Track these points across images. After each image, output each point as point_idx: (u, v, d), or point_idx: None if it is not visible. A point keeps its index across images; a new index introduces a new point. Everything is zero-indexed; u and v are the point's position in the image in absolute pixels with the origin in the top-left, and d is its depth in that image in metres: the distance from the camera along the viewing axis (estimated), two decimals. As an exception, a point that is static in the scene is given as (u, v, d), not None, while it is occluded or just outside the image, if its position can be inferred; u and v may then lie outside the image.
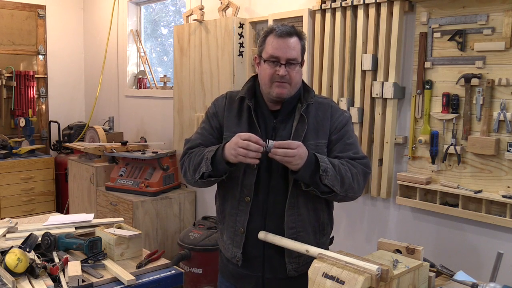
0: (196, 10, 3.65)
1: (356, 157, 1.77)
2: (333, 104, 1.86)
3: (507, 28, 2.25)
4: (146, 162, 3.85)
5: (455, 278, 1.61)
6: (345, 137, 1.79)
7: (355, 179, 1.71)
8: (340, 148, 1.77)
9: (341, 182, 1.67)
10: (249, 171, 1.73)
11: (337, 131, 1.79)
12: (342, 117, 1.82)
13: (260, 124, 1.76)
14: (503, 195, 2.28)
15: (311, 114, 1.77)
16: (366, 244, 2.94)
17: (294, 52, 1.71)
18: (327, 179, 1.63)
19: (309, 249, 1.50)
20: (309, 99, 1.78)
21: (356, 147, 1.81)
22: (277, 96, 1.73)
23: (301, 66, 1.78)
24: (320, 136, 1.76)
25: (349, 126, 1.83)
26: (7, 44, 5.11)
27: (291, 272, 1.75)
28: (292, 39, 1.72)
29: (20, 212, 4.65)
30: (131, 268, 1.89)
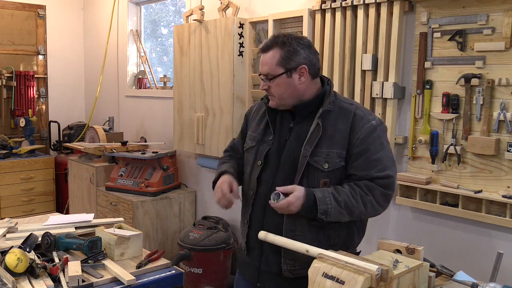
0: (196, 10, 3.65)
1: (378, 176, 1.68)
2: (358, 111, 1.74)
3: (507, 28, 2.25)
4: (146, 162, 3.85)
5: (455, 278, 1.61)
6: (369, 152, 1.68)
7: (368, 207, 1.68)
8: (361, 166, 1.69)
9: (349, 214, 1.67)
10: (255, 167, 1.82)
11: (359, 144, 1.69)
12: (367, 126, 1.70)
13: (277, 125, 1.82)
14: (503, 195, 2.28)
15: (329, 122, 1.72)
16: (366, 244, 2.94)
17: (266, 68, 1.73)
18: (329, 218, 1.64)
19: (309, 249, 1.50)
20: (327, 105, 1.73)
21: (382, 162, 1.70)
22: (271, 106, 1.81)
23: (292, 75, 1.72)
24: (335, 145, 1.70)
25: (376, 137, 1.71)
26: (7, 44, 5.11)
27: (286, 272, 1.75)
28: (267, 54, 1.73)
29: (20, 212, 4.65)
30: (131, 268, 1.89)
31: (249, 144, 1.88)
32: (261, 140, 1.83)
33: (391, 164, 1.74)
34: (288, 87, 1.73)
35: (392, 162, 1.76)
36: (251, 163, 1.84)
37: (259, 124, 1.88)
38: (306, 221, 1.70)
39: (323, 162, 1.69)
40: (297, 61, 1.71)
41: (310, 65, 1.74)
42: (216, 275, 3.29)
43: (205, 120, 3.62)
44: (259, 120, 1.89)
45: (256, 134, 1.86)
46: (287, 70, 1.71)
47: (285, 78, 1.72)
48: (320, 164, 1.69)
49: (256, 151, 1.83)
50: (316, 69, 1.78)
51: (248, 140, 1.90)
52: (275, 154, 1.77)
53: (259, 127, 1.86)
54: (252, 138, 1.87)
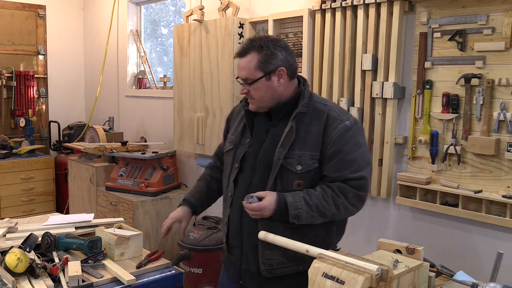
0: (196, 10, 3.65)
1: (351, 177, 1.69)
2: (332, 112, 1.74)
3: (507, 28, 2.25)
4: (146, 162, 3.85)
5: (455, 278, 1.61)
6: (342, 153, 1.69)
7: (340, 208, 1.70)
8: (334, 167, 1.70)
9: (322, 216, 1.71)
10: (232, 170, 1.86)
11: (332, 145, 1.70)
12: (340, 127, 1.70)
13: (254, 127, 1.85)
14: (503, 195, 2.28)
15: (303, 123, 1.73)
16: (366, 244, 2.94)
17: (245, 72, 1.74)
18: (301, 221, 1.68)
19: (309, 249, 1.50)
20: (301, 107, 1.75)
21: (356, 163, 1.70)
22: (251, 110, 1.83)
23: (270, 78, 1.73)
24: (308, 147, 1.71)
25: (350, 137, 1.71)
26: (7, 44, 5.11)
27: (264, 272, 1.78)
28: (244, 58, 1.73)
29: (20, 212, 4.65)
30: (131, 268, 1.89)
31: (227, 146, 1.91)
32: (239, 142, 1.86)
33: (366, 164, 1.74)
34: (267, 90, 1.75)
35: (367, 162, 1.76)
36: (230, 166, 1.87)
37: (238, 127, 1.91)
38: (281, 223, 1.72)
39: (296, 164, 1.71)
40: (275, 64, 1.73)
41: (288, 67, 1.75)
42: (216, 275, 3.27)
43: (205, 120, 3.62)
44: (238, 123, 1.92)
45: (235, 136, 1.89)
46: (266, 74, 1.72)
47: (264, 81, 1.73)
48: (293, 166, 1.71)
49: (234, 153, 1.86)
50: (294, 69, 1.79)
51: (227, 142, 1.94)
52: (251, 156, 1.80)
53: (238, 129, 1.90)
54: (231, 140, 1.90)
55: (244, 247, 1.82)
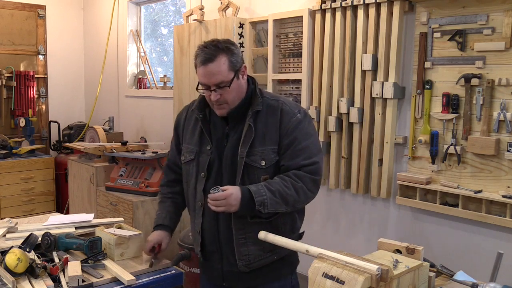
0: (196, 10, 3.65)
1: (305, 164, 1.76)
2: (284, 106, 1.81)
3: (507, 28, 2.25)
4: (146, 162, 3.85)
5: (455, 278, 1.61)
6: (295, 142, 1.77)
7: (300, 193, 1.75)
8: (289, 156, 1.77)
9: (284, 203, 1.74)
10: (200, 179, 1.85)
11: (287, 136, 1.77)
12: (294, 120, 1.78)
13: (212, 133, 1.85)
14: (503, 195, 2.28)
15: (260, 121, 1.78)
16: (366, 244, 2.94)
17: (220, 76, 1.72)
18: (267, 209, 1.70)
19: (309, 249, 1.50)
20: (256, 105, 1.79)
21: (308, 151, 1.78)
22: (220, 115, 1.82)
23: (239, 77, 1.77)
24: (267, 142, 1.77)
25: (302, 128, 1.79)
26: (7, 44, 5.11)
27: (242, 267, 1.83)
28: (214, 63, 1.71)
29: (20, 212, 4.65)
30: (131, 268, 1.89)
31: (187, 157, 1.89)
32: (199, 151, 1.85)
33: (317, 151, 1.82)
34: (238, 90, 1.79)
35: (318, 149, 1.84)
36: (194, 176, 1.86)
37: (193, 135, 1.89)
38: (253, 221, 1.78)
39: (259, 160, 1.76)
40: (240, 62, 1.77)
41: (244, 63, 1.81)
42: (216, 275, 3.28)
43: (205, 120, 3.62)
44: (192, 131, 1.90)
45: (193, 146, 1.88)
46: (235, 73, 1.75)
47: (236, 81, 1.76)
48: (258, 162, 1.76)
49: (197, 163, 1.85)
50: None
51: (185, 153, 1.91)
52: (216, 162, 1.82)
53: (194, 138, 1.88)
54: (190, 150, 1.88)
55: (223, 250, 1.86)
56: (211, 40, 1.78)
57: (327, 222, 3.17)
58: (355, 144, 2.86)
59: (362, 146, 2.82)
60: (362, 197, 2.96)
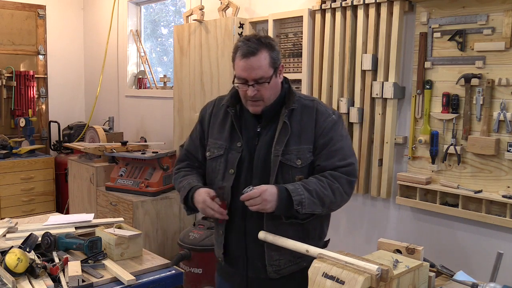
0: (196, 10, 3.65)
1: (341, 165, 1.73)
2: (319, 106, 1.79)
3: (507, 28, 2.25)
4: (146, 162, 3.85)
5: (455, 278, 1.61)
6: (331, 143, 1.74)
7: (336, 194, 1.71)
8: (324, 156, 1.74)
9: (321, 204, 1.69)
10: (227, 176, 1.78)
11: (323, 136, 1.74)
12: (329, 120, 1.76)
13: (243, 130, 1.80)
14: (503, 195, 2.28)
15: (295, 119, 1.75)
16: (366, 244, 2.94)
17: (261, 71, 1.68)
18: (304, 209, 1.65)
19: (309, 249, 1.50)
20: (291, 104, 1.76)
21: (343, 152, 1.75)
22: (253, 112, 1.78)
23: (277, 75, 1.74)
24: (303, 141, 1.74)
25: (337, 129, 1.77)
26: (7, 44, 5.11)
27: (272, 274, 1.77)
28: (256, 57, 1.67)
29: (20, 212, 4.65)
30: (131, 268, 1.89)
31: (215, 153, 1.82)
32: (229, 147, 1.79)
33: (351, 153, 1.80)
34: (275, 88, 1.76)
35: (353, 151, 1.82)
36: (222, 172, 1.79)
37: (222, 131, 1.83)
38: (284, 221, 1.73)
39: (295, 159, 1.72)
40: (279, 60, 1.74)
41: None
42: (216, 275, 3.28)
43: (205, 120, 3.62)
44: (221, 126, 1.84)
45: (222, 141, 1.81)
46: (275, 70, 1.72)
47: (274, 78, 1.73)
48: (293, 161, 1.72)
49: (225, 159, 1.78)
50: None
51: (212, 148, 1.84)
52: (246, 160, 1.76)
53: (223, 134, 1.81)
54: (218, 146, 1.82)
55: (249, 255, 1.79)
56: (254, 34, 1.75)
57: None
58: (355, 144, 2.86)
59: (362, 146, 2.82)
60: (362, 197, 2.96)
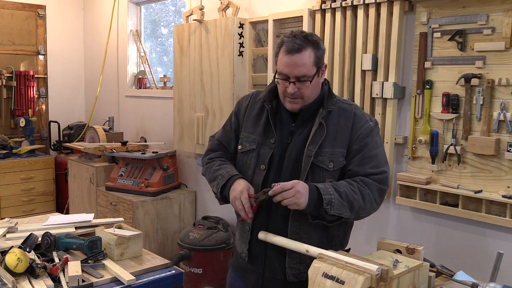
0: (196, 10, 3.65)
1: (373, 172, 1.69)
2: (357, 111, 1.76)
3: (507, 28, 2.25)
4: (146, 162, 3.85)
5: (455, 278, 1.61)
6: (365, 149, 1.70)
7: (366, 200, 1.66)
8: (357, 162, 1.70)
9: (350, 208, 1.64)
10: (258, 171, 1.75)
11: (358, 141, 1.71)
12: (366, 126, 1.72)
13: (277, 127, 1.77)
14: (503, 195, 2.28)
15: (331, 121, 1.72)
16: (366, 244, 2.94)
17: (304, 69, 1.64)
18: (333, 210, 1.60)
19: (309, 249, 1.50)
20: (330, 105, 1.72)
21: (377, 160, 1.72)
22: (290, 110, 1.74)
23: (320, 74, 1.71)
24: (337, 144, 1.70)
25: (373, 136, 1.74)
26: (7, 44, 5.11)
27: (291, 277, 1.73)
28: (301, 54, 1.63)
29: (20, 212, 4.65)
30: (131, 268, 1.89)
31: (247, 146, 1.80)
32: (262, 142, 1.77)
33: (385, 162, 1.76)
34: (316, 87, 1.72)
35: (386, 160, 1.77)
36: (253, 167, 1.77)
37: (256, 125, 1.81)
38: (310, 223, 1.68)
39: (328, 161, 1.68)
40: (323, 60, 1.71)
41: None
42: (216, 275, 3.29)
43: (205, 120, 3.62)
44: (255, 121, 1.82)
45: (256, 136, 1.79)
46: (318, 70, 1.69)
47: (316, 78, 1.70)
48: (325, 164, 1.68)
49: (257, 154, 1.76)
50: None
51: (244, 142, 1.82)
52: (277, 157, 1.73)
53: (257, 128, 1.79)
54: (251, 140, 1.80)
55: (268, 254, 1.76)
56: (301, 31, 1.70)
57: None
58: (355, 144, 2.86)
59: (362, 146, 2.82)
60: (362, 197, 2.96)
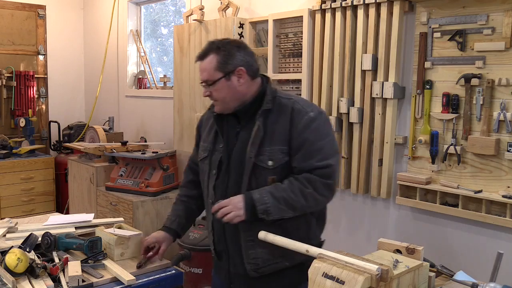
0: (196, 10, 3.65)
1: (318, 166, 1.71)
2: (296, 105, 1.77)
3: (507, 28, 2.25)
4: (146, 162, 3.85)
5: (455, 278, 1.61)
6: (307, 143, 1.72)
7: (309, 199, 1.71)
8: (301, 157, 1.72)
9: (291, 208, 1.71)
10: (211, 177, 1.86)
11: (298, 136, 1.73)
12: (305, 119, 1.73)
13: (224, 131, 1.86)
14: (503, 195, 2.28)
15: (271, 119, 1.76)
16: (366, 244, 2.94)
17: (206, 74, 1.78)
18: (271, 216, 1.69)
19: (309, 249, 1.50)
20: (265, 104, 1.78)
21: (322, 152, 1.72)
22: (217, 112, 1.85)
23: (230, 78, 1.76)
24: (275, 142, 1.74)
25: (315, 127, 1.73)
26: (7, 44, 5.11)
27: (251, 272, 1.80)
28: (204, 61, 1.77)
29: (20, 212, 4.65)
30: (131, 268, 1.89)
31: (202, 155, 1.92)
32: (213, 149, 1.87)
33: (333, 152, 1.76)
34: (228, 90, 1.78)
35: (334, 151, 1.78)
36: (207, 173, 1.88)
37: (209, 133, 1.92)
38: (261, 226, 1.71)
39: (267, 160, 1.74)
40: (234, 64, 1.76)
41: (247, 66, 1.79)
42: (216, 275, 3.29)
43: (205, 120, 3.62)
44: (209, 129, 1.93)
45: (207, 143, 1.90)
46: (226, 74, 1.76)
47: (225, 81, 1.77)
48: (265, 162, 1.74)
49: (209, 161, 1.87)
50: (255, 69, 1.82)
51: (200, 150, 1.94)
52: (226, 161, 1.82)
53: (210, 136, 1.91)
54: (204, 148, 1.91)
55: (229, 251, 1.85)
56: (219, 39, 1.82)
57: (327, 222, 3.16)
58: (355, 144, 2.86)
59: (362, 146, 2.82)
60: (362, 197, 2.96)
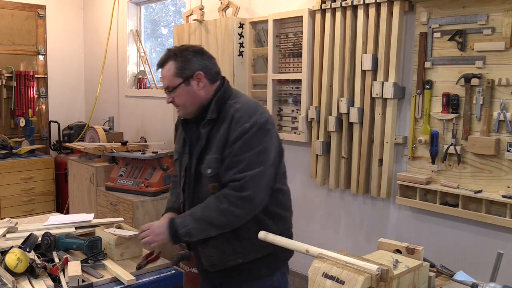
0: (196, 10, 3.65)
1: (233, 178, 1.70)
2: (237, 114, 1.74)
3: (507, 28, 2.25)
4: (146, 162, 3.85)
5: (455, 278, 1.61)
6: (231, 154, 1.72)
7: (226, 215, 1.72)
8: (225, 167, 1.74)
9: (213, 227, 1.76)
10: (181, 178, 1.94)
11: (229, 146, 1.73)
12: (240, 130, 1.71)
13: (188, 136, 1.91)
14: (503, 195, 2.28)
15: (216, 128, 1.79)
16: (366, 244, 2.94)
17: (165, 81, 1.83)
18: (194, 238, 1.78)
19: (309, 249, 1.50)
20: (209, 114, 1.79)
21: (242, 164, 1.70)
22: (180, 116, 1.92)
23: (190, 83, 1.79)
24: (213, 150, 1.77)
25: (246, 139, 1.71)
26: (7, 44, 5.11)
27: (209, 268, 1.89)
28: (163, 68, 1.83)
29: (20, 212, 4.65)
30: (131, 268, 1.89)
31: (175, 157, 2.01)
32: (182, 152, 1.93)
33: (255, 165, 1.71)
34: (188, 95, 1.81)
35: (258, 162, 1.71)
36: (179, 175, 1.96)
37: (180, 136, 1.98)
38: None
39: (206, 168, 1.78)
40: (192, 69, 1.80)
41: (205, 70, 1.82)
42: (216, 275, 3.29)
43: (205, 120, 3.62)
44: (180, 133, 1.98)
45: (178, 146, 1.97)
46: (185, 79, 1.79)
47: (184, 87, 1.80)
48: (205, 170, 1.79)
49: (180, 163, 1.94)
50: (214, 73, 1.85)
51: (174, 153, 2.03)
52: (189, 165, 1.88)
53: (180, 139, 1.97)
54: (176, 150, 1.99)
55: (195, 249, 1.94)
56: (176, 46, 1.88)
57: (327, 222, 3.17)
58: (355, 144, 2.86)
59: (362, 146, 2.83)
60: (362, 197, 2.96)
